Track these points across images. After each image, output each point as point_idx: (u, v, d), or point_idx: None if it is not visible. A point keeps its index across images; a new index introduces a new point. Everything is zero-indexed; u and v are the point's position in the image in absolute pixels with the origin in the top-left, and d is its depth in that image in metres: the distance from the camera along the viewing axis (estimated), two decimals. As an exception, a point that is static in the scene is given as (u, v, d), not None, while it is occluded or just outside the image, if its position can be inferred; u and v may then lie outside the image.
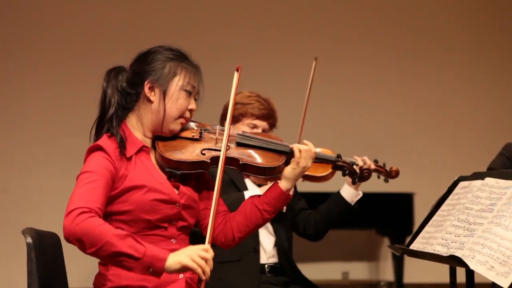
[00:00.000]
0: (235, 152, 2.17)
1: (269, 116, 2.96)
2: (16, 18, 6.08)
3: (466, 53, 6.56)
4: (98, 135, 2.12)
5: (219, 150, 2.11)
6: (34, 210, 5.76)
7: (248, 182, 2.98)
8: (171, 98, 2.11)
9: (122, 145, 2.05)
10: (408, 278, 5.72)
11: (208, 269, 1.89)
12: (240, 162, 2.16)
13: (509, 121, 6.43)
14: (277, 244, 2.96)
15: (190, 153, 2.13)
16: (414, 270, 5.83)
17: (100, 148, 2.03)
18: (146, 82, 2.11)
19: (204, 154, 2.13)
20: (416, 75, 6.49)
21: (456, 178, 2.26)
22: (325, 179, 3.02)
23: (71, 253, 2.38)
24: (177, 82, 2.12)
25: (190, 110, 2.15)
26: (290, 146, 2.25)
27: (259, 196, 2.23)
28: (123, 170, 2.04)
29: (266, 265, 2.92)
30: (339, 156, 2.40)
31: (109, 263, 1.99)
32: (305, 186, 3.28)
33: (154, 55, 2.14)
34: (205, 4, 6.26)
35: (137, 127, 2.14)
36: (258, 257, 2.89)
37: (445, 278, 2.30)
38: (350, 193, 2.97)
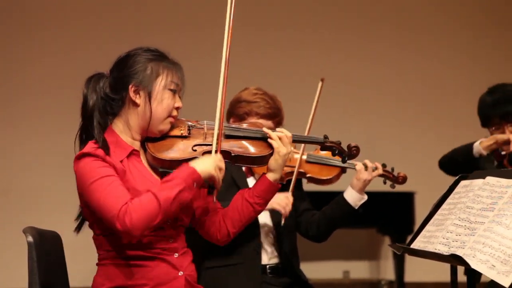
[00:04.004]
0: (225, 145, 2.16)
1: (275, 115, 2.91)
2: (17, 16, 6.08)
3: (467, 52, 6.56)
4: (83, 143, 2.11)
5: (210, 145, 2.11)
6: (35, 209, 5.77)
7: (250, 181, 2.96)
8: (156, 99, 2.10)
9: (106, 149, 2.04)
10: (409, 277, 5.72)
11: (221, 177, 2.06)
12: (232, 154, 2.16)
13: (510, 120, 6.42)
14: (278, 245, 2.95)
15: (182, 151, 2.12)
16: (415, 269, 5.83)
17: (88, 155, 2.02)
18: (130, 86, 2.10)
19: (195, 150, 2.13)
20: (417, 73, 6.49)
21: (457, 177, 2.26)
22: (331, 182, 3.02)
23: (72, 252, 2.38)
24: (161, 82, 2.11)
25: (177, 108, 2.15)
26: (268, 140, 2.23)
27: (248, 189, 2.24)
28: (117, 171, 2.03)
29: (267, 266, 2.90)
30: (326, 137, 2.39)
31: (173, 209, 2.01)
32: (310, 186, 3.28)
33: (134, 58, 2.13)
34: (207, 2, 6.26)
35: (125, 131, 2.13)
36: (260, 258, 2.88)
37: (446, 277, 2.30)
38: (354, 196, 2.95)
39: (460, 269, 2.16)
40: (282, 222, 2.88)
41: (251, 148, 2.20)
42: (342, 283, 6.24)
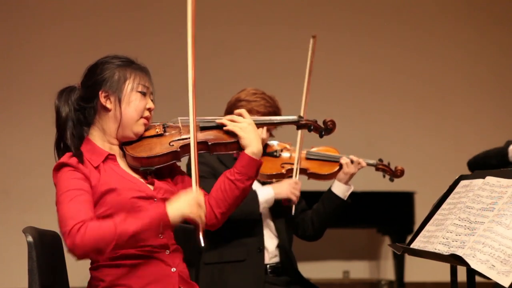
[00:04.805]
0: (201, 136, 2.22)
1: (274, 114, 2.97)
2: (17, 16, 6.09)
3: (468, 51, 6.56)
4: (60, 154, 2.16)
5: (186, 139, 2.17)
6: (35, 209, 5.76)
7: None
8: (125, 101, 2.16)
9: (80, 157, 2.09)
10: (409, 277, 5.73)
11: (203, 214, 2.03)
12: (209, 143, 2.21)
13: (511, 119, 6.43)
14: (279, 245, 2.98)
15: (159, 147, 2.18)
16: (415, 269, 5.84)
17: (64, 165, 2.07)
18: (100, 92, 2.16)
19: (172, 145, 2.18)
20: (418, 73, 6.50)
21: (457, 177, 2.26)
22: (332, 177, 3.06)
23: (71, 252, 2.38)
24: (128, 86, 2.17)
25: (149, 109, 2.21)
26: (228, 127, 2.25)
27: (230, 169, 2.26)
28: (93, 178, 2.08)
29: (268, 265, 2.93)
30: (301, 117, 2.45)
31: (127, 247, 2.03)
32: (307, 185, 3.27)
33: (102, 66, 2.20)
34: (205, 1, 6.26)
35: (101, 138, 2.19)
36: (263, 257, 2.91)
37: (446, 277, 2.30)
38: (341, 188, 3.01)
39: (461, 269, 2.16)
40: (293, 211, 2.96)
41: (225, 135, 2.24)
42: (342, 283, 6.24)
